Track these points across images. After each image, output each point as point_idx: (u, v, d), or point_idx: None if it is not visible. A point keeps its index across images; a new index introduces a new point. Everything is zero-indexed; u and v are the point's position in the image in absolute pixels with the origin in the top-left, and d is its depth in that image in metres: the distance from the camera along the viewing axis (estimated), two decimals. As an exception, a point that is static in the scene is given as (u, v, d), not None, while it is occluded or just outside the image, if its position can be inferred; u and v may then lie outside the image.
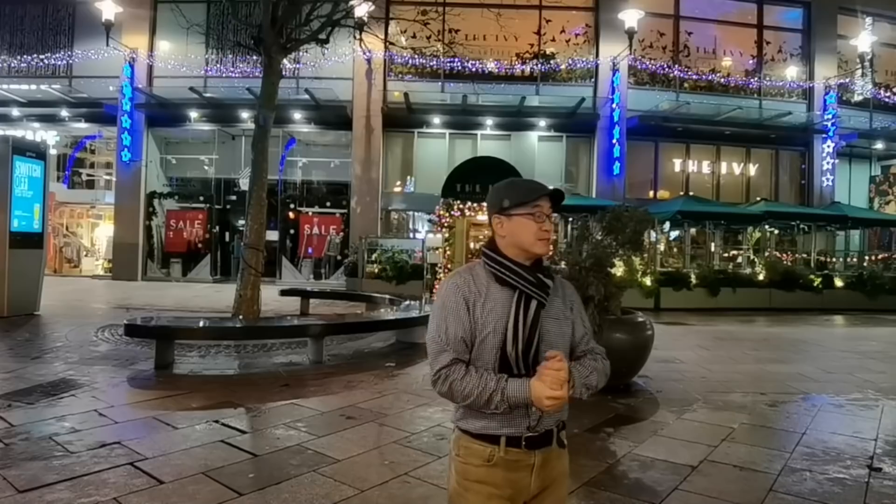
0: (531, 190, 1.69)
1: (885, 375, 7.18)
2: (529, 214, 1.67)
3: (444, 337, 1.63)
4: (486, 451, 1.64)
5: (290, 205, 19.09)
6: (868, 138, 20.19)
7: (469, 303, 1.65)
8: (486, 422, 1.64)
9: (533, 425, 1.64)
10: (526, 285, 1.65)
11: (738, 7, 20.17)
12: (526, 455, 1.65)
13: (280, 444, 4.20)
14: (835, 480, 3.80)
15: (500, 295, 1.65)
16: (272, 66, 9.18)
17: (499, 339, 1.62)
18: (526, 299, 1.64)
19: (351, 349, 7.97)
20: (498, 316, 1.63)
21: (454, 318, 1.64)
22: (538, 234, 1.66)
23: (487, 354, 1.64)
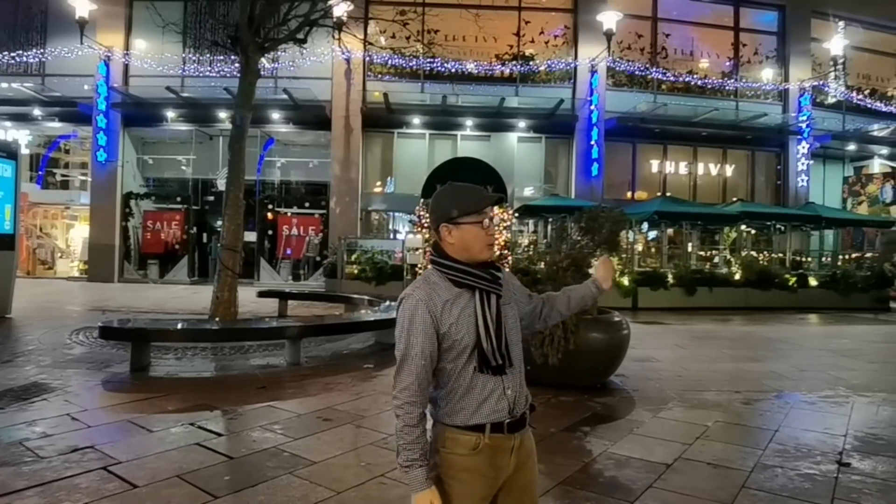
0: (480, 200, 1.78)
1: (856, 373, 7.33)
2: (478, 223, 1.76)
3: (412, 354, 1.71)
4: (472, 440, 1.74)
5: (268, 205, 18.94)
6: (841, 140, 20.60)
7: (435, 315, 1.72)
8: (470, 415, 1.74)
9: (512, 408, 1.76)
10: (484, 283, 1.76)
11: (715, 9, 20.45)
12: (507, 439, 1.77)
13: (256, 447, 4.17)
14: (805, 476, 3.87)
15: (462, 298, 1.75)
16: (249, 65, 9.11)
17: (472, 338, 1.72)
18: (487, 296, 1.76)
19: (329, 351, 7.94)
20: (466, 318, 1.73)
21: (421, 335, 1.71)
22: (486, 241, 1.77)
23: (464, 353, 1.73)
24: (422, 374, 1.72)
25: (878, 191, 20.50)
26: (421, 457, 1.70)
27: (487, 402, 1.74)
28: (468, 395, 1.74)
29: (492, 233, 1.78)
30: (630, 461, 4.07)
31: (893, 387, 6.61)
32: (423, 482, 1.70)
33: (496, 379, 1.75)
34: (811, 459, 4.19)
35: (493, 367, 1.73)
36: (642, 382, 6.47)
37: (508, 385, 1.77)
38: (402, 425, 1.72)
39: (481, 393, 1.74)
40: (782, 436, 4.72)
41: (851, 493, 3.61)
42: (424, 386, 1.73)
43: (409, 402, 1.71)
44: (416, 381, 1.71)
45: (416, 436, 1.71)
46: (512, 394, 1.76)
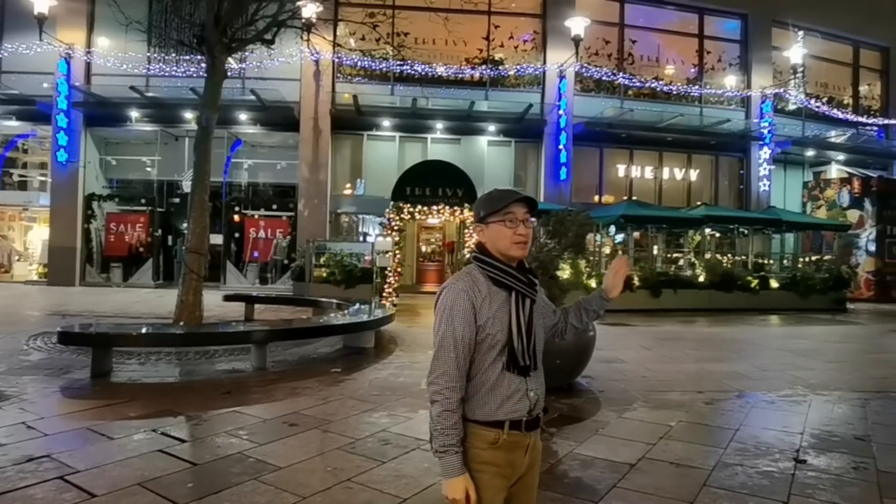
0: (500, 198, 1.86)
1: (814, 372, 7.54)
2: (501, 221, 1.84)
3: (453, 340, 1.77)
4: (491, 435, 1.80)
5: (235, 207, 18.67)
6: (801, 146, 21.19)
7: (476, 305, 1.79)
8: (493, 410, 1.80)
9: (532, 408, 1.83)
10: (521, 286, 1.83)
11: (680, 17, 20.87)
12: (524, 437, 1.84)
13: (221, 453, 4.11)
14: (764, 473, 3.97)
15: (499, 296, 1.82)
16: (216, 65, 8.98)
17: (505, 336, 1.79)
18: (522, 298, 1.83)
19: (296, 355, 7.87)
20: (502, 315, 1.81)
21: (462, 321, 1.78)
22: (513, 239, 1.83)
23: (495, 348, 1.80)
24: (461, 359, 1.77)
25: (835, 195, 21.13)
26: (457, 443, 1.76)
27: (510, 399, 1.80)
28: (494, 391, 1.80)
29: (521, 232, 1.83)
30: (595, 461, 4.12)
31: (849, 385, 6.83)
32: (458, 468, 1.74)
33: (521, 379, 1.81)
34: (770, 457, 4.30)
35: (520, 367, 1.80)
36: (608, 383, 6.56)
37: (532, 387, 1.83)
38: (440, 410, 1.76)
39: (506, 390, 1.80)
40: (743, 434, 4.83)
41: (807, 489, 3.72)
42: (464, 372, 1.78)
43: (448, 388, 1.76)
44: (456, 366, 1.77)
45: (454, 421, 1.75)
46: (534, 396, 1.83)
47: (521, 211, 1.84)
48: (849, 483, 3.85)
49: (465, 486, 1.75)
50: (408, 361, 7.50)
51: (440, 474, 1.78)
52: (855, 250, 20.08)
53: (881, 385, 6.87)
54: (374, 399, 5.63)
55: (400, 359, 7.69)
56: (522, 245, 1.84)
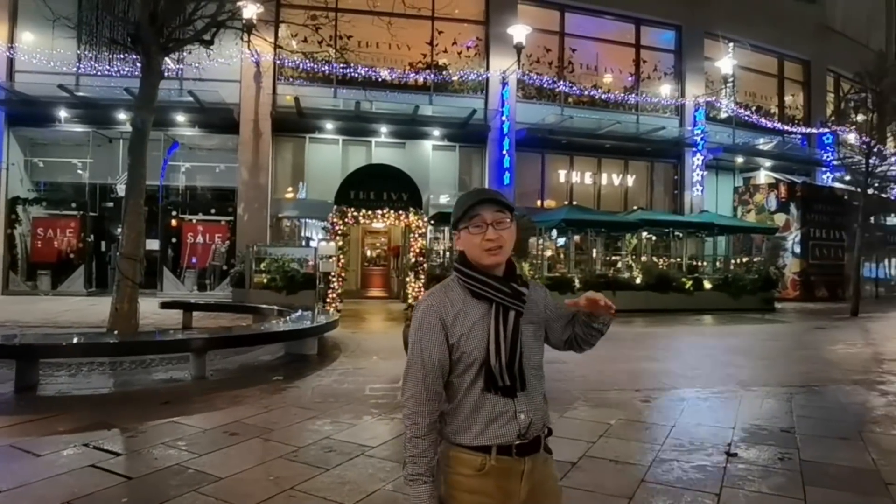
0: (464, 202, 1.68)
1: (744, 369, 7.91)
2: (469, 227, 1.66)
3: (421, 360, 1.63)
4: (477, 461, 1.63)
5: (172, 212, 18.06)
6: (731, 152, 22.18)
7: (446, 322, 1.64)
8: (476, 435, 1.63)
9: (523, 432, 1.64)
10: (502, 297, 1.64)
11: (618, 27, 21.52)
12: (516, 462, 1.65)
13: (158, 465, 3.98)
14: (698, 468, 4.14)
15: (478, 309, 1.65)
16: (151, 66, 8.70)
17: (482, 354, 1.62)
18: (504, 311, 1.64)
19: (237, 363, 7.69)
20: (478, 331, 1.63)
21: (431, 341, 1.63)
22: (482, 245, 1.64)
23: (472, 368, 1.63)
24: (429, 381, 1.62)
25: (763, 200, 22.23)
26: (427, 472, 1.60)
27: (496, 422, 1.63)
28: (475, 414, 1.64)
29: (489, 237, 1.63)
30: (538, 461, 4.19)
31: (777, 381, 7.19)
32: (425, 499, 1.59)
33: (506, 400, 1.64)
34: (704, 452, 4.48)
35: (500, 388, 1.63)
36: (550, 384, 6.59)
37: (521, 409, 1.65)
38: (409, 436, 1.63)
39: (489, 413, 1.63)
40: (678, 430, 5.01)
41: (738, 481, 3.89)
42: (433, 395, 1.63)
43: (415, 412, 1.62)
44: (424, 389, 1.62)
45: (422, 448, 1.61)
46: (525, 418, 1.64)
47: (488, 213, 1.64)
48: (775, 473, 4.05)
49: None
50: (352, 368, 7.44)
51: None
52: (782, 252, 21.16)
53: (805, 380, 7.26)
54: (317, 406, 5.56)
55: (344, 365, 7.63)
56: (494, 251, 1.64)
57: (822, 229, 21.57)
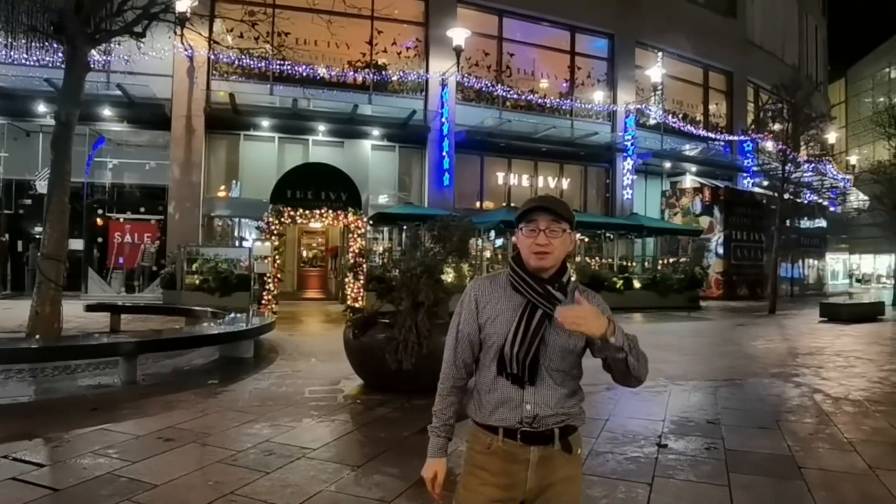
0: (524, 206, 1.83)
1: (673, 364, 8.27)
2: (524, 230, 1.79)
3: (455, 331, 1.85)
4: (487, 440, 1.78)
5: (98, 210, 17.24)
6: (660, 158, 23.13)
7: (479, 304, 1.82)
8: (487, 414, 1.78)
9: (527, 420, 1.74)
10: (533, 295, 1.75)
11: (554, 33, 22.05)
12: (522, 449, 1.75)
13: (87, 475, 3.81)
14: (631, 459, 4.32)
15: (512, 301, 1.79)
16: (77, 57, 8.26)
17: (501, 339, 1.75)
18: (532, 308, 1.75)
19: (169, 367, 7.44)
20: (505, 318, 1.77)
21: (465, 315, 1.84)
22: (531, 248, 1.76)
23: (491, 350, 1.78)
24: (459, 349, 1.84)
25: (689, 203, 23.28)
26: (441, 426, 1.84)
27: (504, 406, 1.76)
28: (489, 394, 1.78)
29: (540, 241, 1.75)
30: (480, 458, 4.27)
31: (703, 375, 7.57)
32: (436, 450, 1.84)
33: (516, 388, 1.74)
34: (636, 444, 4.67)
35: (510, 375, 1.74)
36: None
37: (529, 399, 1.74)
38: (437, 393, 1.87)
39: (500, 396, 1.76)
40: (612, 424, 5.20)
41: (668, 471, 4.09)
42: (459, 363, 1.84)
43: (444, 373, 1.86)
44: (452, 355, 1.84)
45: (443, 406, 1.85)
46: (531, 409, 1.73)
47: (544, 220, 1.76)
48: (702, 462, 4.28)
49: (435, 470, 1.83)
50: (290, 370, 7.33)
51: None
52: (706, 253, 22.22)
53: (728, 374, 7.67)
54: (255, 410, 5.46)
55: (282, 368, 7.50)
56: (541, 255, 1.75)
57: (743, 231, 22.79)
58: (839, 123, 48.84)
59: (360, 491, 3.65)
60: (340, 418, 5.29)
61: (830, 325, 13.92)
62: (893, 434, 5.06)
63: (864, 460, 4.34)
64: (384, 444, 4.57)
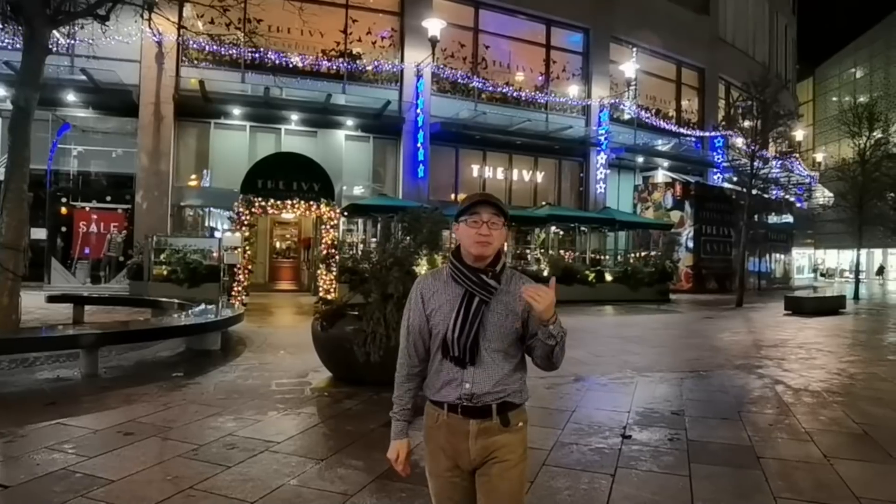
0: (469, 200, 1.98)
1: (640, 356, 8.37)
2: (468, 222, 1.94)
3: (406, 324, 2.01)
4: (435, 414, 1.97)
5: (62, 199, 16.81)
6: (633, 152, 23.35)
7: (424, 297, 1.99)
8: (435, 391, 1.97)
9: (465, 396, 1.92)
10: (470, 285, 1.93)
11: (530, 26, 22.06)
12: (462, 422, 1.93)
13: (40, 471, 3.70)
14: (596, 450, 4.35)
15: (453, 292, 1.96)
16: (36, 39, 7.99)
17: (444, 327, 1.93)
18: (470, 296, 1.92)
19: (133, 360, 7.28)
20: (447, 308, 1.94)
21: (414, 309, 2.00)
22: (474, 238, 1.92)
23: (438, 337, 1.95)
24: (410, 339, 2.00)
25: (661, 198, 23.55)
26: (400, 412, 2.02)
27: (448, 385, 1.94)
28: (437, 375, 1.97)
29: (482, 232, 1.91)
30: (445, 451, 4.26)
31: (669, 367, 7.67)
32: (396, 433, 2.03)
33: (457, 369, 1.92)
34: (601, 435, 4.71)
35: (452, 358, 1.92)
36: (460, 375, 6.77)
37: (468, 379, 1.91)
38: (395, 382, 2.04)
39: (445, 376, 1.94)
40: (578, 415, 5.24)
41: (631, 462, 4.13)
42: (413, 353, 2.00)
43: (399, 363, 2.03)
44: (405, 346, 2.01)
45: (399, 393, 2.03)
46: (470, 387, 1.91)
47: (486, 212, 1.92)
48: (665, 453, 4.33)
49: (398, 450, 2.02)
50: (257, 363, 7.23)
51: None
52: (677, 247, 22.50)
53: (694, 365, 7.79)
54: (219, 403, 5.37)
55: (249, 360, 7.40)
56: (483, 244, 1.91)
57: (713, 226, 23.16)
58: (807, 121, 49.89)
59: (322, 484, 3.62)
60: (306, 411, 5.24)
61: (794, 318, 14.23)
62: (849, 424, 5.18)
63: (819, 450, 4.43)
64: (350, 437, 4.53)
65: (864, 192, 21.73)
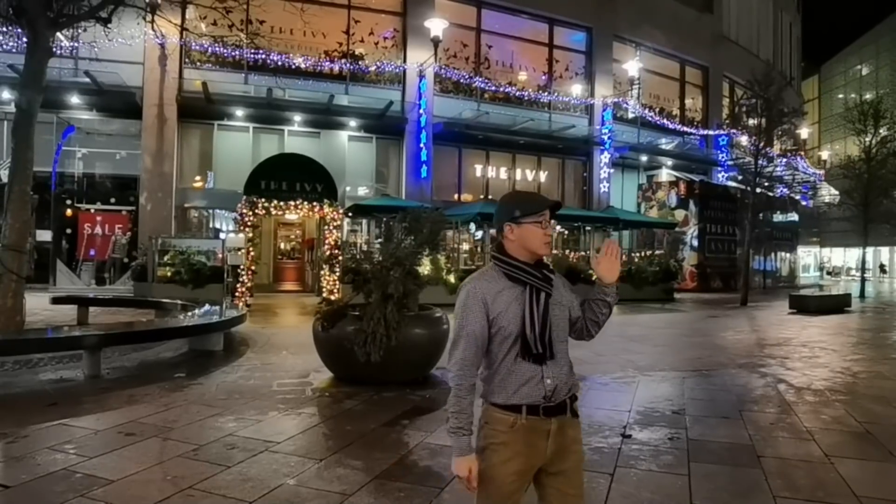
0: (539, 203, 2.03)
1: (643, 356, 8.34)
2: (537, 223, 2.00)
3: (465, 332, 1.95)
4: (509, 419, 1.94)
5: (67, 201, 16.88)
6: (636, 151, 23.29)
7: (487, 301, 1.95)
8: (510, 395, 1.94)
9: (549, 395, 1.94)
10: (536, 281, 1.98)
11: (533, 26, 22.03)
12: (543, 422, 1.95)
13: (41, 471, 3.73)
14: (595, 449, 4.34)
15: (514, 291, 1.97)
16: (39, 42, 8.05)
17: (517, 327, 1.93)
18: (536, 292, 1.97)
19: (136, 360, 7.31)
20: (515, 307, 1.95)
21: (474, 317, 1.95)
22: (543, 239, 2.00)
23: (509, 339, 1.94)
24: (471, 349, 1.94)
25: (665, 197, 23.49)
26: (466, 425, 1.93)
27: (527, 385, 1.93)
28: (509, 377, 1.94)
29: (549, 233, 2.01)
30: (444, 450, 4.26)
31: (671, 366, 7.65)
32: (465, 448, 1.93)
33: (536, 367, 1.93)
34: (601, 434, 4.70)
35: (533, 355, 1.93)
36: (461, 375, 6.77)
37: (548, 374, 1.94)
38: (452, 395, 1.95)
39: (521, 377, 1.94)
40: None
41: (630, 461, 4.12)
42: (473, 361, 1.95)
43: (458, 375, 1.94)
44: (468, 356, 1.94)
45: (464, 405, 1.93)
46: (551, 383, 1.94)
47: (548, 215, 2.02)
48: (664, 452, 4.32)
49: (468, 465, 1.92)
50: (259, 363, 7.26)
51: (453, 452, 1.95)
52: (681, 246, 22.45)
53: (696, 364, 7.76)
54: (220, 403, 5.39)
55: (251, 361, 7.42)
56: (548, 244, 2.03)
57: (718, 225, 23.07)
58: (812, 119, 49.67)
59: (321, 484, 3.63)
60: (307, 411, 5.25)
61: (799, 317, 14.17)
62: (851, 423, 5.16)
63: (820, 448, 4.41)
64: (350, 437, 4.54)
65: (869, 190, 21.62)
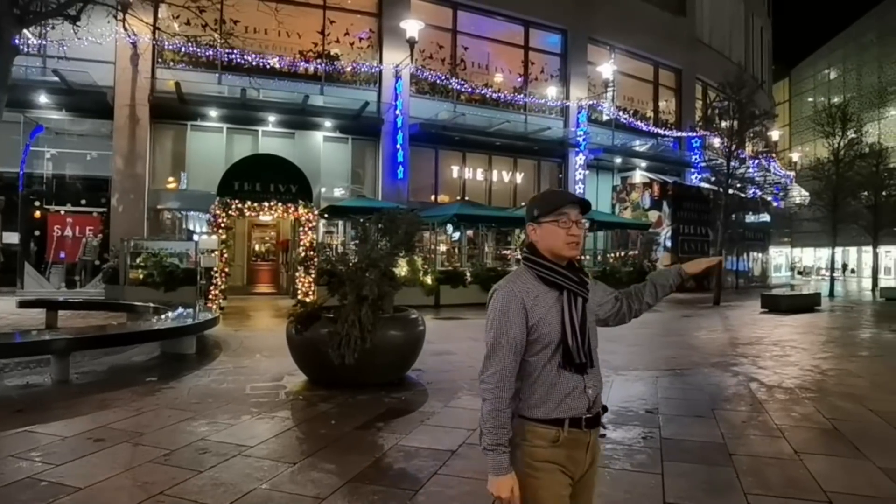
0: (555, 199, 1.90)
1: (617, 355, 8.41)
2: (555, 221, 1.86)
3: (505, 340, 1.79)
4: (552, 434, 1.81)
5: (35, 202, 16.50)
6: (611, 153, 23.52)
7: (527, 307, 1.81)
8: (553, 407, 1.81)
9: (591, 406, 1.84)
10: (572, 285, 1.86)
11: (508, 28, 22.13)
12: (584, 434, 1.85)
13: (4, 480, 3.63)
14: (570, 450, 4.36)
15: (550, 296, 1.84)
16: (4, 39, 7.87)
17: (558, 335, 1.81)
18: (574, 297, 1.85)
19: (106, 365, 7.17)
20: (554, 313, 1.82)
21: (514, 323, 1.80)
22: (566, 239, 1.85)
23: (549, 348, 1.81)
24: (511, 359, 1.79)
25: (639, 198, 23.76)
26: (506, 442, 1.78)
27: (569, 397, 1.81)
28: (552, 389, 1.81)
29: (574, 232, 1.85)
30: (419, 451, 4.26)
31: (645, 365, 7.73)
32: (505, 467, 1.77)
33: (578, 377, 1.82)
34: (576, 435, 4.72)
35: (576, 365, 1.81)
36: (437, 375, 6.79)
37: (589, 384, 1.84)
38: (490, 408, 1.78)
39: (564, 389, 1.81)
40: (554, 416, 5.25)
41: (605, 460, 4.14)
42: (513, 370, 1.80)
43: (499, 387, 1.78)
44: (508, 367, 1.79)
45: (503, 420, 1.78)
46: (593, 392, 1.85)
47: (574, 212, 1.86)
48: (638, 451, 4.36)
49: (511, 485, 1.77)
50: (232, 367, 7.16)
51: (489, 471, 1.79)
52: (655, 247, 22.72)
53: (670, 364, 7.86)
54: (193, 407, 5.31)
55: (224, 364, 7.33)
56: (574, 245, 1.86)
57: (691, 226, 23.40)
58: (782, 122, 50.68)
59: (294, 488, 3.59)
60: (281, 415, 5.20)
61: (770, 316, 14.43)
62: (820, 420, 5.27)
63: (791, 446, 4.50)
64: (324, 441, 4.50)
65: (838, 191, 22.13)
